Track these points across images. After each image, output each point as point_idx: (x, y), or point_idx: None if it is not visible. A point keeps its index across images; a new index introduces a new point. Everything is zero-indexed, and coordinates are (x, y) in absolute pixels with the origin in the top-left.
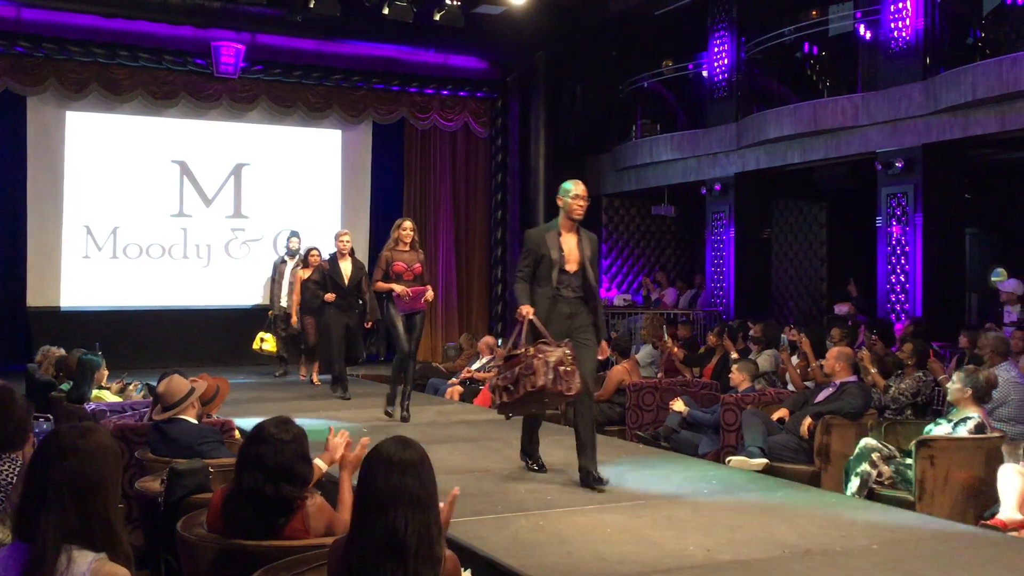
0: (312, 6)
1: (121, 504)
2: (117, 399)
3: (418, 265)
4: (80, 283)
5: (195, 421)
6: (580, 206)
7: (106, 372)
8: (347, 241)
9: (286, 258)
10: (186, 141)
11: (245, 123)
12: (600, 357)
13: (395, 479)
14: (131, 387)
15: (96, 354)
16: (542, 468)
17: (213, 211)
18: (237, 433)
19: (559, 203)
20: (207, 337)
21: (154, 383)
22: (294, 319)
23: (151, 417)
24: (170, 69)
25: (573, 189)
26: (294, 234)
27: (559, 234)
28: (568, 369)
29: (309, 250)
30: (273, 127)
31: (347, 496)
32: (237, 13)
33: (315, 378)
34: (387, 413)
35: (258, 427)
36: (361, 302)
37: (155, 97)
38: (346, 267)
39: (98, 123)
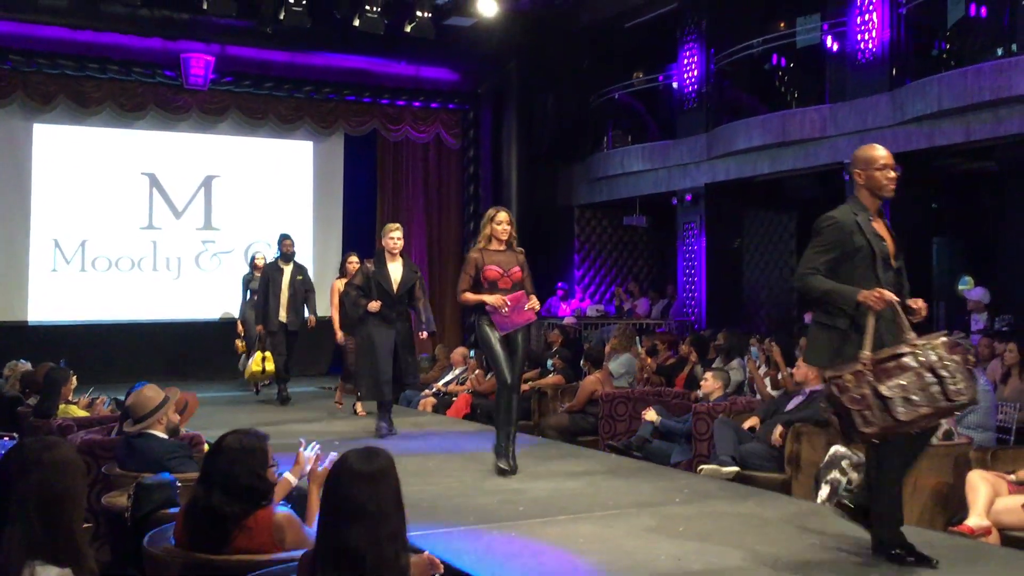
0: (282, 18)
1: (89, 524)
2: (84, 414)
3: (517, 269)
4: (48, 297)
5: (164, 436)
6: (891, 179)
7: (73, 386)
8: (398, 238)
9: (281, 264)
10: (155, 153)
11: (215, 135)
12: None
13: (358, 490)
14: (98, 401)
15: (63, 369)
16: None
17: (183, 223)
18: (206, 447)
19: (858, 178)
20: (177, 351)
21: (122, 398)
22: (339, 335)
23: (120, 431)
24: (139, 81)
25: (880, 157)
26: (286, 236)
27: (870, 218)
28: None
29: (347, 256)
30: (244, 139)
31: (316, 510)
32: (207, 25)
33: (360, 408)
34: (499, 470)
35: (219, 441)
36: (412, 313)
37: (124, 109)
38: (395, 269)
39: (66, 136)
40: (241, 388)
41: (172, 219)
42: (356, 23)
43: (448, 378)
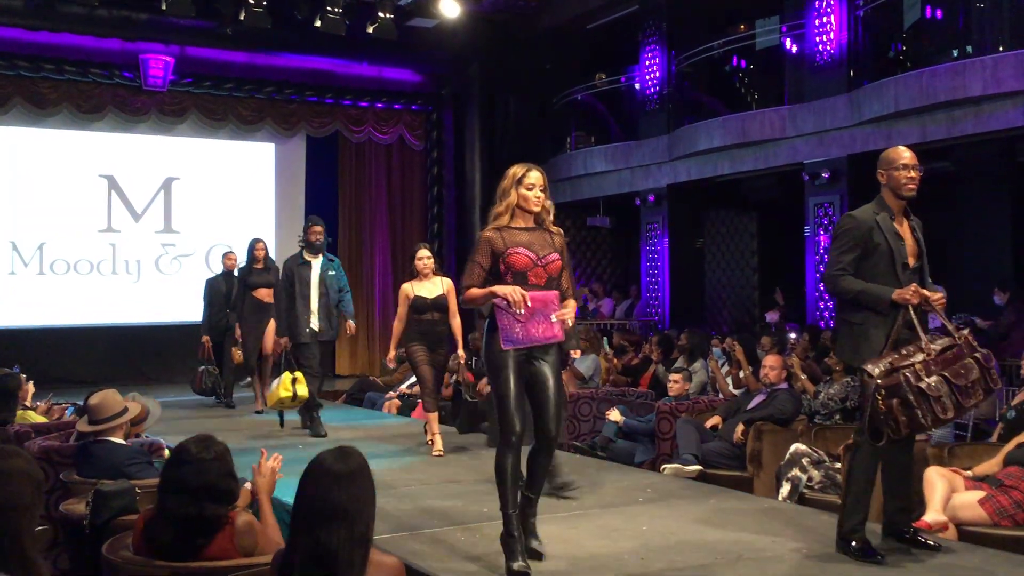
0: (242, 18)
1: (46, 526)
2: (42, 420)
3: (555, 257)
4: (5, 301)
5: (123, 442)
6: (911, 178)
7: (31, 392)
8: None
9: (307, 256)
10: (114, 155)
11: (175, 136)
12: None
13: (330, 490)
14: (57, 408)
15: (15, 375)
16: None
17: (142, 226)
18: (167, 453)
19: (880, 178)
20: (137, 355)
21: (82, 403)
22: (391, 355)
23: (79, 435)
24: (97, 82)
25: (898, 158)
26: (315, 221)
27: (892, 218)
28: None
29: (415, 253)
30: (204, 140)
31: (269, 518)
32: (165, 25)
33: (437, 441)
34: (513, 573)
35: (179, 447)
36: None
37: (81, 111)
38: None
39: (22, 137)
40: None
41: (131, 222)
42: (317, 24)
43: (412, 380)
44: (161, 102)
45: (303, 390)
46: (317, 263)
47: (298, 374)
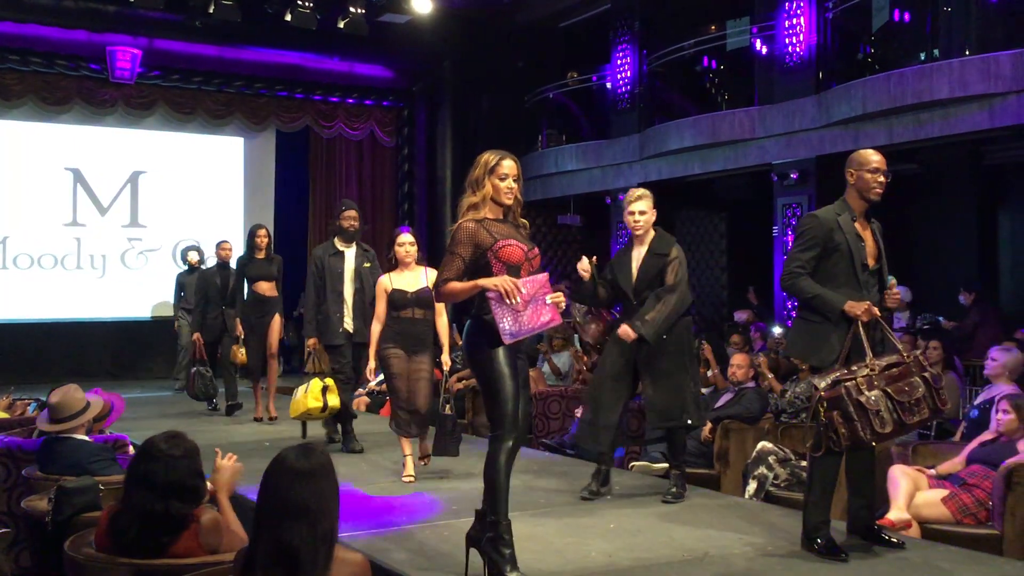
0: (212, 11)
1: (8, 529)
2: (4, 415)
3: (537, 251)
4: None
5: (86, 438)
6: (879, 183)
7: None
8: (639, 211)
9: (340, 244)
10: (80, 148)
11: (142, 130)
12: None
13: (292, 487)
14: (19, 403)
15: None
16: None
17: (108, 220)
18: (131, 449)
19: (849, 178)
20: (102, 351)
21: (45, 399)
22: (371, 367)
23: (38, 429)
24: (63, 74)
25: (869, 160)
26: (349, 206)
27: (853, 219)
28: None
29: (395, 238)
30: (172, 134)
31: (231, 516)
32: (133, 17)
33: (409, 464)
34: None
35: (147, 443)
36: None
37: (47, 103)
38: (638, 254)
39: None
40: (167, 388)
41: (97, 216)
42: (288, 18)
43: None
44: (128, 95)
45: (335, 400)
46: (351, 253)
47: (329, 381)
